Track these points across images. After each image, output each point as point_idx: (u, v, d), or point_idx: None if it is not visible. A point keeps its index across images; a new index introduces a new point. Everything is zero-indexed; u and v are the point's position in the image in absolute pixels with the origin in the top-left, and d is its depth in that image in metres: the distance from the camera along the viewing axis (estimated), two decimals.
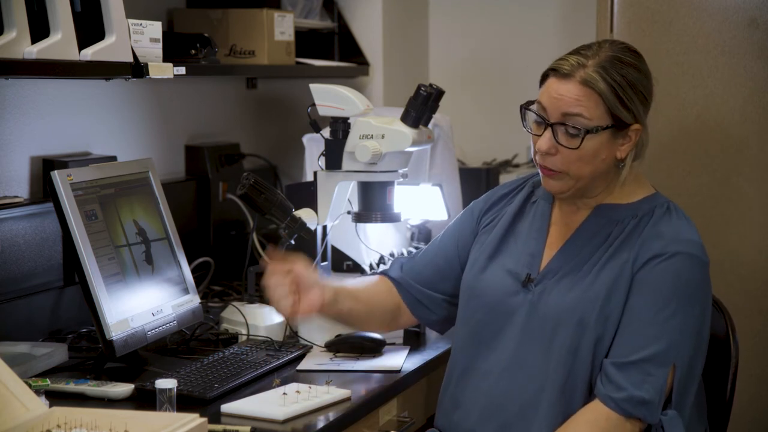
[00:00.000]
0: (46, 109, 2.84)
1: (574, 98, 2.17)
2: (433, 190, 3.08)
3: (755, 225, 3.05)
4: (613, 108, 2.17)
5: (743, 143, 3.04)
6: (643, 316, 2.16)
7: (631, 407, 2.13)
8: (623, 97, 2.18)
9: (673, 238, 2.20)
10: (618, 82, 2.18)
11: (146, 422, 1.84)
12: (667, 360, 2.15)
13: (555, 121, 2.19)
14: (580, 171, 2.21)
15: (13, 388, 1.85)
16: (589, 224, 2.28)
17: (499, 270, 2.33)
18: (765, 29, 3.01)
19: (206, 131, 3.52)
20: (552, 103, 2.20)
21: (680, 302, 2.16)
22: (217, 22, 3.33)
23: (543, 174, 2.25)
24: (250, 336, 2.68)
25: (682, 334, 2.16)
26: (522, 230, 2.36)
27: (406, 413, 2.55)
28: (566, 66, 2.19)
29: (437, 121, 3.02)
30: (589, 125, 2.17)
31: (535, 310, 2.24)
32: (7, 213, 2.62)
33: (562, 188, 2.25)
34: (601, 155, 2.20)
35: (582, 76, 2.17)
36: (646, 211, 2.25)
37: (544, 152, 2.21)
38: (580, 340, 2.18)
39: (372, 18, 3.93)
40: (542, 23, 4.08)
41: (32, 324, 2.68)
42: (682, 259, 2.18)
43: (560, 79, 2.19)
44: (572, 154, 2.19)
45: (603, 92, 2.17)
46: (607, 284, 2.19)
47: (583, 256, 2.25)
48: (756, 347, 3.03)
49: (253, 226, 3.25)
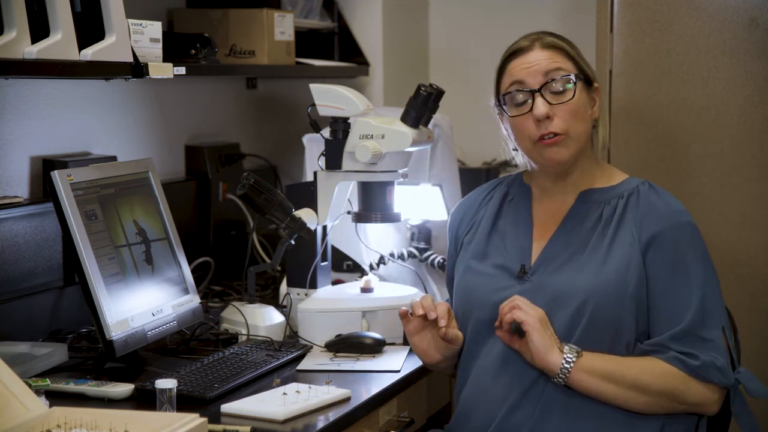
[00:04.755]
0: (46, 109, 2.84)
1: (546, 58, 2.31)
2: (433, 190, 3.08)
3: (755, 225, 3.05)
4: (578, 61, 2.33)
5: (743, 143, 3.04)
6: (677, 294, 2.23)
7: (707, 373, 2.18)
8: (580, 54, 2.35)
9: (667, 211, 2.28)
10: (569, 43, 2.35)
11: (146, 422, 1.84)
12: (716, 324, 2.22)
13: (540, 85, 2.29)
14: (578, 128, 2.30)
15: (13, 388, 1.84)
16: (576, 210, 2.34)
17: (489, 268, 2.36)
18: (765, 29, 3.01)
19: (206, 131, 3.52)
20: (529, 73, 2.30)
21: (700, 270, 2.24)
22: (217, 22, 3.32)
23: (546, 144, 2.30)
24: (250, 336, 2.68)
25: (717, 297, 2.26)
26: (505, 228, 2.40)
27: (406, 413, 2.55)
28: (523, 42, 2.34)
29: (437, 121, 3.02)
30: (572, 73, 2.30)
31: (539, 296, 2.26)
32: (7, 213, 2.62)
33: (567, 155, 2.31)
34: (587, 110, 2.32)
35: (541, 42, 2.33)
36: (630, 190, 2.33)
37: (543, 116, 2.28)
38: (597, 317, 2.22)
39: (372, 18, 3.93)
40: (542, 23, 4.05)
41: (32, 324, 2.68)
42: (684, 227, 2.27)
43: (524, 54, 2.32)
44: (566, 109, 2.28)
45: (565, 48, 2.33)
46: (620, 265, 2.24)
47: (581, 241, 2.30)
48: (756, 347, 3.03)
49: (253, 226, 3.25)
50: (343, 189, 2.77)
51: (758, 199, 3.04)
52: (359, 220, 2.76)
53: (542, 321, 2.21)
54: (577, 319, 2.23)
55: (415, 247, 3.11)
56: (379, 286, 2.82)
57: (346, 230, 2.91)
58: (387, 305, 2.71)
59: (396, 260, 3.02)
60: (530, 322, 2.20)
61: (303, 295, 2.80)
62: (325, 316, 2.70)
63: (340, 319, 2.69)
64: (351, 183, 2.76)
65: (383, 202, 2.73)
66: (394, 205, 2.75)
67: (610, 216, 2.30)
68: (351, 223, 2.79)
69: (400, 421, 2.52)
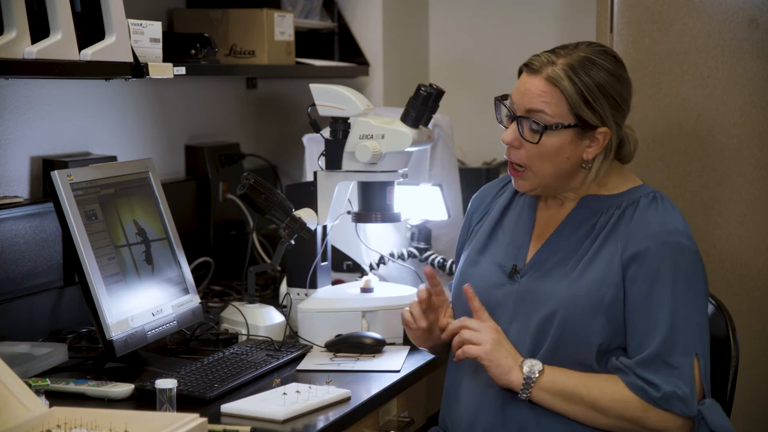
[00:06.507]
0: (45, 109, 2.84)
1: (537, 94, 2.22)
2: (433, 190, 3.08)
3: (755, 225, 3.05)
4: (576, 107, 2.21)
5: (743, 143, 3.04)
6: (648, 312, 2.18)
7: (667, 404, 2.15)
8: (589, 98, 2.21)
9: (659, 230, 2.22)
10: (585, 83, 2.21)
11: (146, 422, 1.84)
12: (687, 351, 2.17)
13: (520, 115, 2.25)
14: (542, 168, 2.25)
15: (13, 388, 1.85)
16: (573, 216, 2.31)
17: (487, 263, 2.36)
18: (765, 29, 3.01)
19: (206, 131, 3.52)
20: (519, 98, 2.25)
21: (679, 293, 2.18)
22: (217, 22, 3.32)
23: (509, 170, 2.31)
24: (250, 336, 2.68)
25: (694, 322, 2.19)
26: (509, 223, 2.39)
27: (406, 413, 2.55)
28: (536, 62, 2.24)
29: (437, 121, 3.02)
30: (550, 122, 2.21)
31: (525, 303, 2.27)
32: (7, 213, 2.62)
33: (527, 187, 2.30)
34: (564, 154, 2.24)
35: (548, 73, 2.21)
36: (631, 201, 2.28)
37: (508, 143, 2.26)
38: (564, 331, 2.20)
39: (372, 18, 3.93)
40: (542, 23, 4.08)
41: (32, 324, 2.68)
42: (672, 249, 2.20)
43: (529, 75, 2.24)
44: (533, 148, 2.24)
45: (566, 90, 2.20)
46: (596, 278, 2.21)
47: (570, 248, 2.28)
48: (756, 347, 3.03)
49: (253, 226, 3.25)
50: (343, 189, 2.77)
51: (758, 199, 3.04)
52: (359, 220, 2.76)
53: (495, 344, 2.21)
54: (547, 327, 2.22)
55: (415, 247, 3.11)
56: (379, 286, 2.82)
57: (346, 230, 2.91)
58: (387, 305, 2.71)
59: (396, 260, 3.02)
60: (483, 356, 2.21)
61: (303, 295, 2.80)
62: (325, 316, 2.70)
63: (340, 319, 2.69)
64: (351, 183, 2.76)
65: (383, 202, 2.73)
66: (394, 205, 2.75)
67: (603, 227, 2.27)
68: (351, 223, 2.79)
69: (400, 421, 2.52)
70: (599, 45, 2.29)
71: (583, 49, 2.25)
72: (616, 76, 2.25)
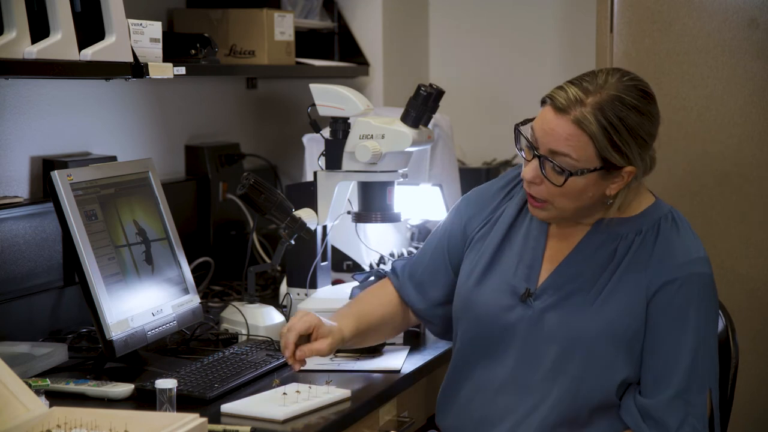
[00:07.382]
0: (45, 109, 2.84)
1: (564, 137, 2.09)
2: (433, 190, 3.08)
3: (755, 225, 3.05)
4: (604, 151, 2.09)
5: (743, 143, 3.04)
6: (671, 348, 2.13)
7: None
8: (617, 142, 2.08)
9: (685, 260, 2.15)
10: (614, 126, 2.08)
11: (146, 422, 1.84)
12: (703, 387, 2.13)
13: (543, 154, 2.12)
14: (564, 204, 2.16)
15: (13, 388, 1.84)
16: (589, 240, 2.22)
17: (495, 283, 2.27)
18: (765, 29, 3.01)
19: (206, 131, 3.52)
20: (542, 135, 2.12)
21: (701, 327, 2.14)
22: (217, 22, 3.33)
23: (528, 201, 2.21)
24: (250, 336, 2.68)
25: (710, 357, 2.15)
26: (518, 240, 2.29)
27: (406, 413, 2.55)
28: (563, 99, 2.09)
29: (437, 121, 3.02)
30: (576, 167, 2.10)
31: (539, 330, 2.20)
32: (7, 213, 2.62)
33: (547, 217, 2.22)
34: (587, 193, 2.14)
35: (576, 115, 2.08)
36: (651, 224, 2.20)
37: (529, 180, 2.15)
38: (587, 367, 2.15)
39: (372, 18, 3.93)
40: (542, 23, 4.08)
41: (32, 324, 2.68)
42: (698, 282, 2.14)
43: (555, 112, 2.10)
44: (556, 189, 2.13)
45: (594, 135, 2.07)
46: (619, 309, 2.15)
47: (589, 276, 2.19)
48: (756, 347, 3.03)
49: (253, 226, 3.25)
50: (343, 189, 2.77)
51: (758, 199, 3.04)
52: (359, 220, 2.76)
53: None
54: (564, 364, 2.17)
55: (415, 247, 3.11)
56: None
57: (346, 230, 2.91)
58: None
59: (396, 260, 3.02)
60: None
61: (303, 295, 2.80)
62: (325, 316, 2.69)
63: None
64: (351, 183, 2.76)
65: (383, 202, 2.73)
66: (394, 205, 2.75)
67: (624, 254, 2.18)
68: (351, 223, 2.79)
69: (400, 421, 2.52)
70: (628, 76, 2.14)
71: (613, 85, 2.10)
72: (646, 114, 2.12)
